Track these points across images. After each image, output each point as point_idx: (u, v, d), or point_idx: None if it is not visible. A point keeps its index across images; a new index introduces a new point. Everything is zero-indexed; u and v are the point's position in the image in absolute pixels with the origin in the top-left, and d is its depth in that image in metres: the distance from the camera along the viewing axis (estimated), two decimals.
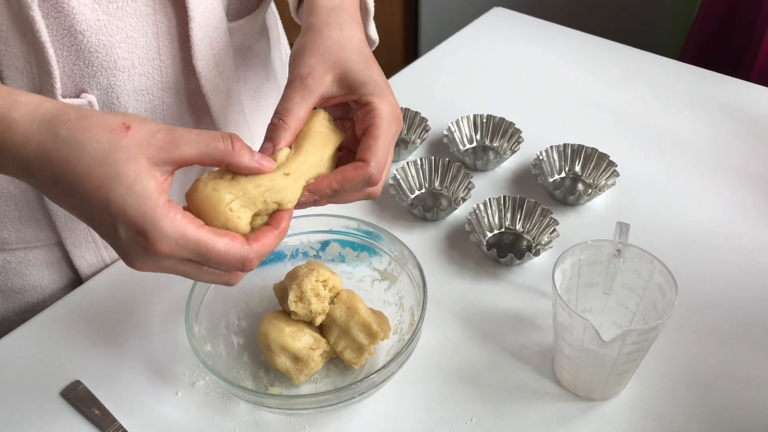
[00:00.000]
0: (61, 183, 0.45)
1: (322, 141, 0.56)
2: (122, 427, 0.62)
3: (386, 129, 0.56)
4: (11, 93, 0.46)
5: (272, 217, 0.53)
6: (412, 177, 0.85)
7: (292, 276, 0.65)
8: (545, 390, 0.64)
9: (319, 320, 0.63)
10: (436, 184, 0.86)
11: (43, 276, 0.76)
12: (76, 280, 0.78)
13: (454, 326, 0.70)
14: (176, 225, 0.46)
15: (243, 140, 0.50)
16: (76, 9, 0.59)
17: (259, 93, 0.85)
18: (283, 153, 0.54)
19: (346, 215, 0.70)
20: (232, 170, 0.51)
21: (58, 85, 0.61)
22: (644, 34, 1.91)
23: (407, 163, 0.85)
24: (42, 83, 0.62)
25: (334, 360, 0.66)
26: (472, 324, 0.70)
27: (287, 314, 0.64)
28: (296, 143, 0.56)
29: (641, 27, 1.94)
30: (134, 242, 0.46)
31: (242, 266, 0.49)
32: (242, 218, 0.51)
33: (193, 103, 0.74)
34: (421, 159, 0.85)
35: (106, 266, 0.77)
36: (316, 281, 0.63)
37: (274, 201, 0.52)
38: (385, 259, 0.70)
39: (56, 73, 0.61)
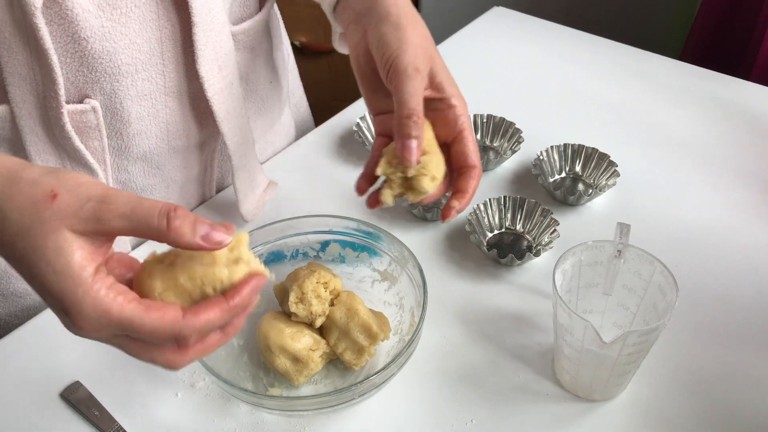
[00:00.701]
0: (9, 254, 0.43)
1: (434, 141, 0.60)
2: (122, 428, 0.61)
3: (471, 128, 0.61)
4: None
5: (233, 286, 0.45)
6: None
7: (293, 277, 0.65)
8: (545, 391, 0.64)
9: (319, 322, 0.63)
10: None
11: None
12: None
13: (454, 327, 0.70)
14: (98, 303, 0.42)
15: (186, 212, 0.43)
16: (80, 16, 0.59)
17: (261, 95, 0.85)
18: (239, 238, 0.46)
19: (346, 216, 0.70)
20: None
21: (61, 91, 0.61)
22: (645, 33, 1.91)
23: None
24: (46, 89, 0.62)
25: (334, 361, 0.66)
26: (472, 325, 0.70)
27: (287, 315, 0.64)
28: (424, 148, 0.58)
29: (642, 26, 1.94)
30: (61, 317, 0.44)
31: (177, 343, 0.44)
32: None
33: (196, 107, 0.74)
34: None
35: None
36: (317, 283, 0.63)
37: (217, 288, 0.45)
38: (386, 260, 0.69)
39: (60, 79, 0.60)
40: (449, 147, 0.62)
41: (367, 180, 0.62)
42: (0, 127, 0.64)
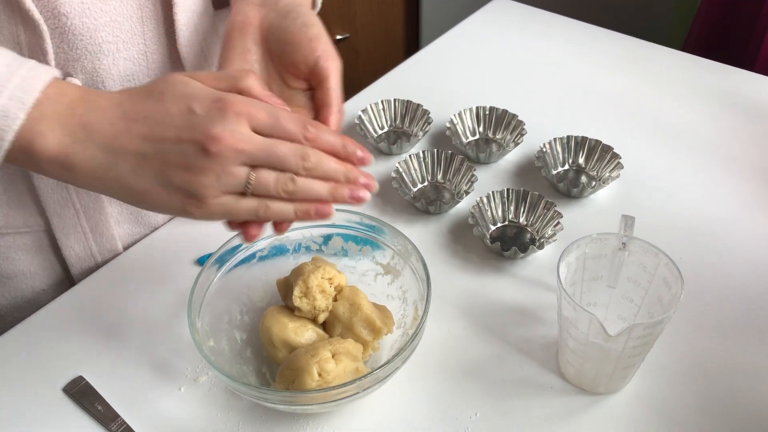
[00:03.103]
0: (128, 109, 0.49)
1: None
2: (125, 423, 0.61)
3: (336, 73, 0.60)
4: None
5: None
6: (415, 170, 0.85)
7: (298, 272, 0.64)
8: (550, 384, 0.64)
9: (322, 317, 0.63)
10: (439, 177, 0.85)
11: (32, 262, 0.75)
12: (64, 269, 0.77)
13: (458, 320, 0.69)
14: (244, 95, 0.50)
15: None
16: None
17: None
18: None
19: (349, 209, 0.70)
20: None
21: (52, 63, 0.61)
22: (647, 24, 1.90)
23: (409, 156, 0.85)
24: None
25: None
26: (476, 318, 0.70)
27: (290, 310, 0.64)
28: None
29: (645, 17, 1.93)
30: (212, 111, 0.48)
31: (305, 132, 0.50)
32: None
33: None
34: (423, 152, 0.85)
35: (95, 260, 0.76)
36: (322, 278, 0.63)
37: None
38: (389, 253, 0.69)
39: (50, 49, 0.60)
40: (314, 92, 0.61)
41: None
42: None
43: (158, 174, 0.49)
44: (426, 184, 0.85)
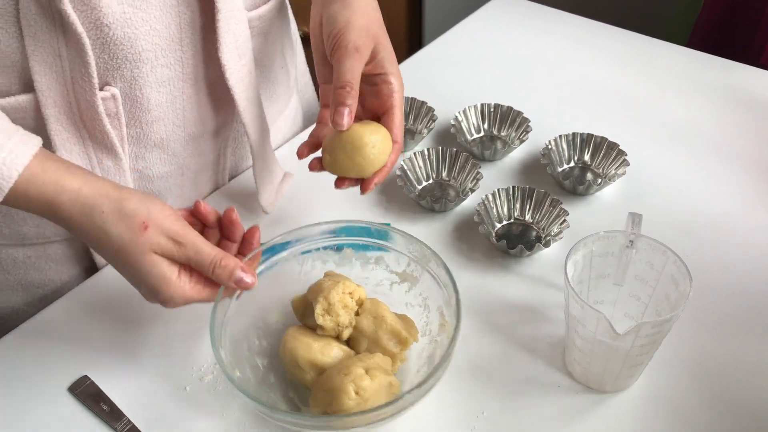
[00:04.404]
0: (96, 250, 0.59)
1: None
2: (131, 422, 0.61)
3: (402, 107, 0.68)
4: (58, 179, 0.57)
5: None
6: (419, 167, 0.84)
7: (316, 289, 0.62)
8: (557, 382, 0.63)
9: (346, 333, 0.62)
10: (444, 174, 0.85)
11: (62, 270, 0.76)
12: (93, 273, 0.77)
13: (464, 319, 0.68)
14: (184, 295, 0.59)
15: (228, 262, 0.59)
16: (103, 2, 0.59)
17: (272, 81, 0.85)
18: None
19: (357, 220, 0.68)
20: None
21: (95, 74, 0.62)
22: (651, 20, 1.89)
23: (414, 153, 0.84)
24: (74, 76, 0.62)
25: None
26: (482, 316, 0.69)
27: (311, 329, 0.62)
28: None
29: (649, 13, 1.92)
30: (149, 298, 0.60)
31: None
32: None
33: (212, 93, 0.74)
34: (428, 149, 0.84)
35: None
36: (342, 293, 0.61)
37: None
38: (404, 260, 0.67)
39: (92, 63, 0.61)
40: (379, 120, 0.68)
41: (309, 147, 0.69)
42: (24, 117, 0.64)
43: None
44: (431, 181, 0.85)
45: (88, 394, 0.63)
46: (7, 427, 0.61)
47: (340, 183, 0.67)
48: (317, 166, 0.68)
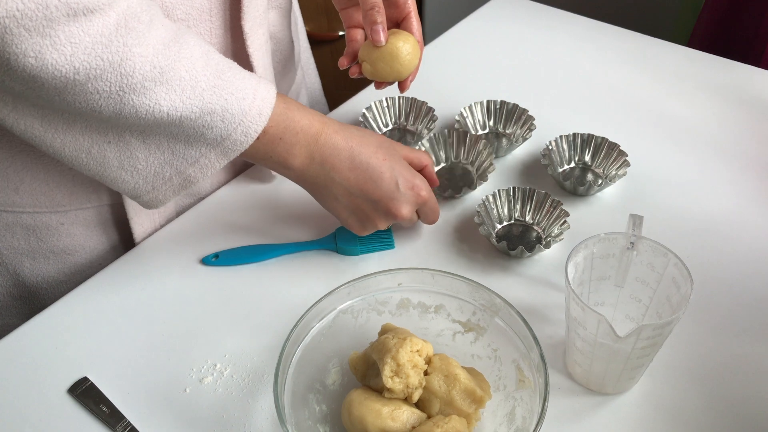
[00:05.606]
0: (357, 164, 0.68)
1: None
2: (130, 424, 0.61)
3: (416, 12, 0.76)
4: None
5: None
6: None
7: (381, 348, 0.58)
8: (557, 384, 0.63)
9: (416, 395, 0.57)
10: (453, 157, 0.87)
11: (92, 236, 0.78)
12: (121, 241, 0.80)
13: None
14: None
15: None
16: None
17: (284, 54, 0.87)
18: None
19: (417, 267, 0.65)
20: None
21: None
22: (652, 19, 1.89)
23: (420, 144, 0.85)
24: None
25: None
26: None
27: (375, 391, 0.58)
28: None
29: (649, 13, 1.92)
30: (407, 191, 0.70)
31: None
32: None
33: None
34: (435, 135, 0.86)
35: (154, 229, 0.79)
36: (411, 351, 0.57)
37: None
38: (468, 309, 0.63)
39: None
40: (398, 26, 0.75)
41: (348, 58, 0.76)
42: None
43: (351, 208, 0.71)
44: (443, 165, 0.85)
45: (87, 395, 0.63)
46: (6, 429, 0.61)
47: (378, 85, 0.76)
48: (357, 71, 0.75)
